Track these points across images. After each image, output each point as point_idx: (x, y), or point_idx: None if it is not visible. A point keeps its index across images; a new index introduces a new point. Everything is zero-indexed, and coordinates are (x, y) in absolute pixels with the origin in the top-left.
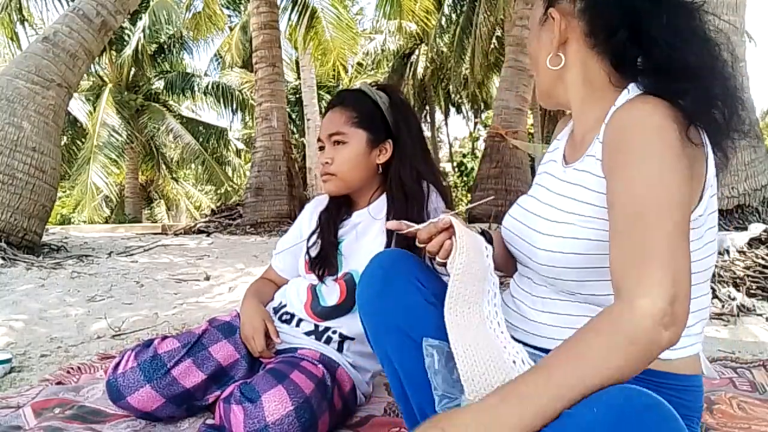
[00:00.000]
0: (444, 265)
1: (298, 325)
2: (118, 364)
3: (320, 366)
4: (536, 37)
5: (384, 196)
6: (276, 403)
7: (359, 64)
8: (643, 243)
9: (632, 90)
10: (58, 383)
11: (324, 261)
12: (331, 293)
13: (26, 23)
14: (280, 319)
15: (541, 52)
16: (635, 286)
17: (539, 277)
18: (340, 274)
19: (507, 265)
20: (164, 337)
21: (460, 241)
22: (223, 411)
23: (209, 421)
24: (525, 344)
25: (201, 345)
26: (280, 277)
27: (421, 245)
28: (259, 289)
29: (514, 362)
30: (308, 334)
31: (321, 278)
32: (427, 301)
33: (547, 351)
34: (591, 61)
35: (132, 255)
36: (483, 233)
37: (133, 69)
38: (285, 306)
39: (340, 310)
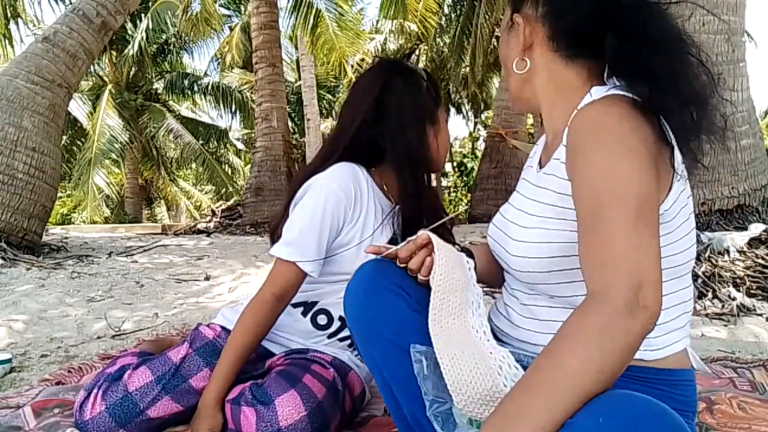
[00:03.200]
0: (427, 281)
1: (336, 333)
2: (84, 403)
3: (331, 369)
4: (505, 42)
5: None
6: (290, 408)
7: (362, 60)
8: (603, 237)
9: (595, 93)
10: (58, 383)
11: None
12: None
13: (20, 19)
14: (312, 321)
15: (509, 57)
16: (598, 281)
17: (519, 282)
18: None
19: (492, 277)
20: (137, 365)
21: (439, 254)
22: (231, 412)
23: None
24: (515, 350)
25: (179, 377)
26: (299, 284)
27: (402, 265)
28: (244, 356)
29: (500, 367)
30: (342, 340)
31: None
32: (412, 308)
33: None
34: (555, 65)
35: (132, 255)
36: (463, 250)
37: (133, 69)
38: (318, 304)
39: None
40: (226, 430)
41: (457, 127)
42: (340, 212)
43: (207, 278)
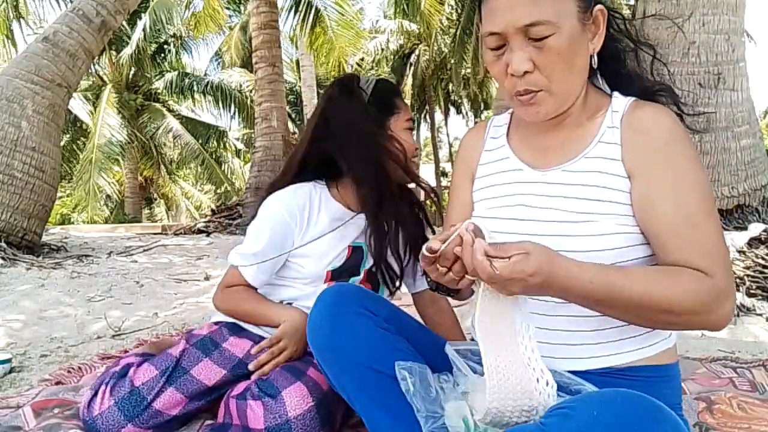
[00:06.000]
0: (454, 286)
1: None
2: (92, 400)
3: None
4: (575, 41)
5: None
6: (297, 399)
7: (361, 60)
8: (704, 235)
9: (619, 96)
10: (58, 383)
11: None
12: None
13: (22, 21)
14: None
15: (580, 53)
16: (709, 265)
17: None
18: (362, 275)
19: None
20: (140, 363)
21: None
22: (236, 407)
23: (209, 422)
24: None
25: (181, 369)
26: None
27: (445, 267)
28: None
29: (537, 380)
30: None
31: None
32: (380, 327)
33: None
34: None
35: (132, 255)
36: None
37: (132, 69)
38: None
39: None
40: (231, 427)
41: (457, 127)
42: (286, 233)
43: (207, 278)
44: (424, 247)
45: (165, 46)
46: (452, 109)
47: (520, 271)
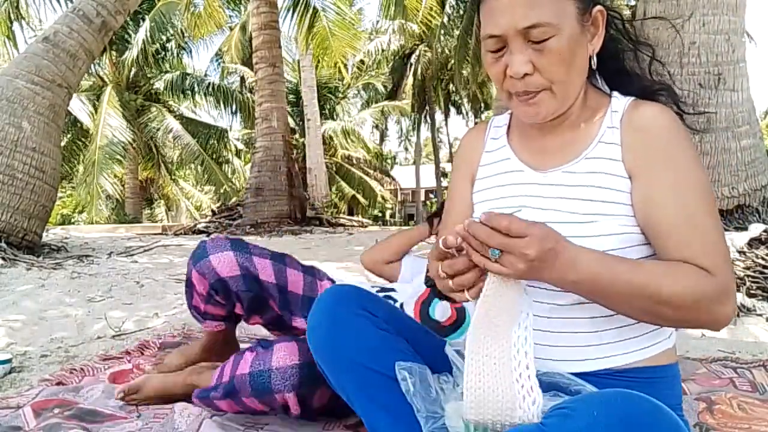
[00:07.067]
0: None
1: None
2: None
3: None
4: (575, 41)
5: None
6: (284, 353)
7: (361, 62)
8: (705, 234)
9: (618, 96)
10: (58, 383)
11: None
12: (443, 311)
13: (23, 21)
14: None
15: (580, 54)
16: (711, 264)
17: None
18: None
19: None
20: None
21: None
22: (233, 360)
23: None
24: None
25: (284, 260)
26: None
27: (446, 272)
28: None
29: (523, 398)
30: None
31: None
32: (380, 328)
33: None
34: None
35: (132, 255)
36: None
37: (133, 69)
38: (393, 291)
39: (441, 329)
40: (218, 387)
41: (457, 127)
42: None
43: None
44: (440, 242)
45: (167, 45)
46: (452, 110)
47: (536, 232)
